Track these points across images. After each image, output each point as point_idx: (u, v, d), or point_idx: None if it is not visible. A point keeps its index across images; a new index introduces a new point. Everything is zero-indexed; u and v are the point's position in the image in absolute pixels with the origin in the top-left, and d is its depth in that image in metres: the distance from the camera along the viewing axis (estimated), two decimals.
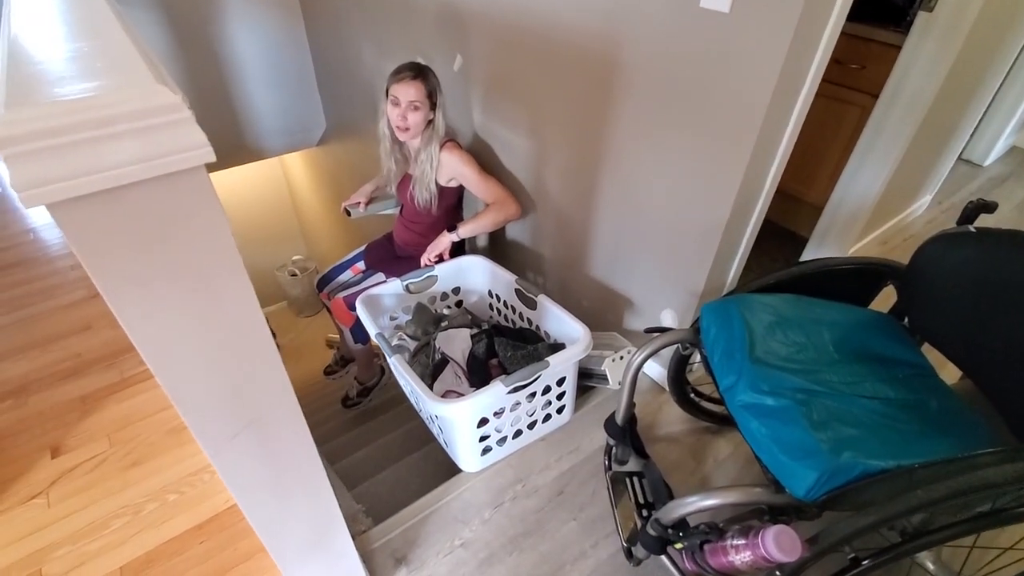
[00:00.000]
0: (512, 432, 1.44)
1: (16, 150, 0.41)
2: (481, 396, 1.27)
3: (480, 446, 1.40)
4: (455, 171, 1.71)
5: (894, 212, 2.22)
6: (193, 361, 0.59)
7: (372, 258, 2.04)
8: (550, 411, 1.49)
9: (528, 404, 1.40)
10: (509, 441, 1.45)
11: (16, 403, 1.61)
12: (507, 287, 1.73)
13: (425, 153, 1.68)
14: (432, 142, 1.67)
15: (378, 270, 1.96)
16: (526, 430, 1.47)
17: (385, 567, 1.22)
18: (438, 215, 1.82)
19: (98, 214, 0.46)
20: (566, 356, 1.35)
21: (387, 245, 2.06)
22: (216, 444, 0.67)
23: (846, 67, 1.84)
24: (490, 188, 1.71)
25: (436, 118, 1.64)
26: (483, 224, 1.74)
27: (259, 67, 3.01)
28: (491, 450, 1.43)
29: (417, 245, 1.89)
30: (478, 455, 1.41)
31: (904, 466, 0.79)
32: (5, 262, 2.19)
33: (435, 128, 1.65)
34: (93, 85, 0.45)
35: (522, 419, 1.43)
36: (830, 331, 1.05)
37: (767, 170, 1.21)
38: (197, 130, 0.47)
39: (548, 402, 1.45)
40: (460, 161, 1.68)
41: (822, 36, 1.02)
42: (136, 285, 0.51)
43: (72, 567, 1.24)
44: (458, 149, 1.71)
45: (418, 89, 1.59)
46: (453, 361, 1.59)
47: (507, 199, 1.72)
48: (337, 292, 1.98)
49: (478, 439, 1.37)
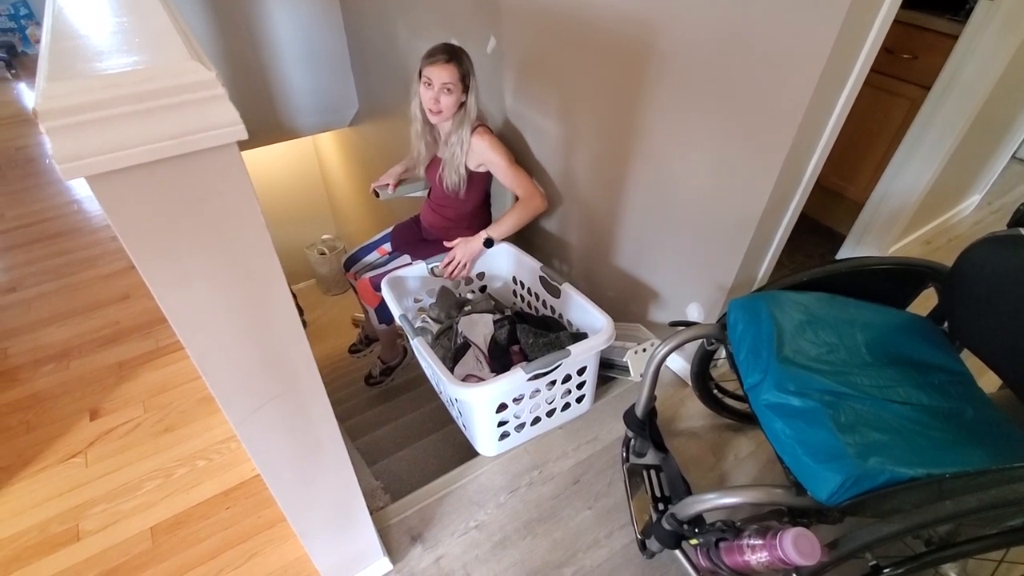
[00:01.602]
0: (531, 419, 1.44)
1: (57, 123, 0.42)
2: (501, 382, 1.27)
3: (498, 431, 1.41)
4: (484, 157, 1.70)
5: (939, 211, 2.12)
6: (220, 334, 0.60)
7: (398, 240, 2.06)
8: (569, 400, 1.49)
9: (548, 392, 1.41)
10: (527, 427, 1.46)
11: (59, 366, 1.68)
12: (532, 274, 1.73)
13: (456, 136, 1.68)
14: (464, 125, 1.66)
15: (404, 252, 1.98)
16: (544, 417, 1.47)
17: (401, 543, 1.25)
18: (466, 200, 1.81)
19: (133, 187, 0.47)
20: (588, 346, 1.34)
21: (414, 228, 2.07)
22: (240, 416, 0.69)
23: (897, 56, 1.76)
24: (518, 179, 1.70)
25: (468, 101, 1.63)
26: (512, 224, 1.73)
27: (295, 47, 3.03)
28: (509, 435, 1.44)
29: (444, 229, 1.89)
30: (496, 440, 1.43)
31: (934, 475, 0.77)
32: (51, 232, 2.29)
33: (467, 111, 1.64)
34: (130, 61, 0.46)
35: (541, 406, 1.43)
36: (864, 332, 1.02)
37: (806, 163, 1.17)
38: (230, 107, 0.47)
39: (568, 391, 1.45)
40: (490, 147, 1.67)
41: (873, 23, 0.97)
42: (167, 258, 0.52)
43: (107, 524, 1.30)
44: (489, 135, 1.70)
45: (451, 72, 1.57)
46: (475, 346, 1.59)
47: (534, 193, 1.71)
48: (363, 272, 2.02)
49: (496, 424, 1.38)
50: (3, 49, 3.91)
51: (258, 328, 0.63)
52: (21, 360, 1.73)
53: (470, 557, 1.23)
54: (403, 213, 2.23)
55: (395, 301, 1.60)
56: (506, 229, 1.72)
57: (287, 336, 0.67)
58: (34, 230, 2.29)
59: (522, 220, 1.74)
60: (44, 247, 2.20)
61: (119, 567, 1.22)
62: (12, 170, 2.73)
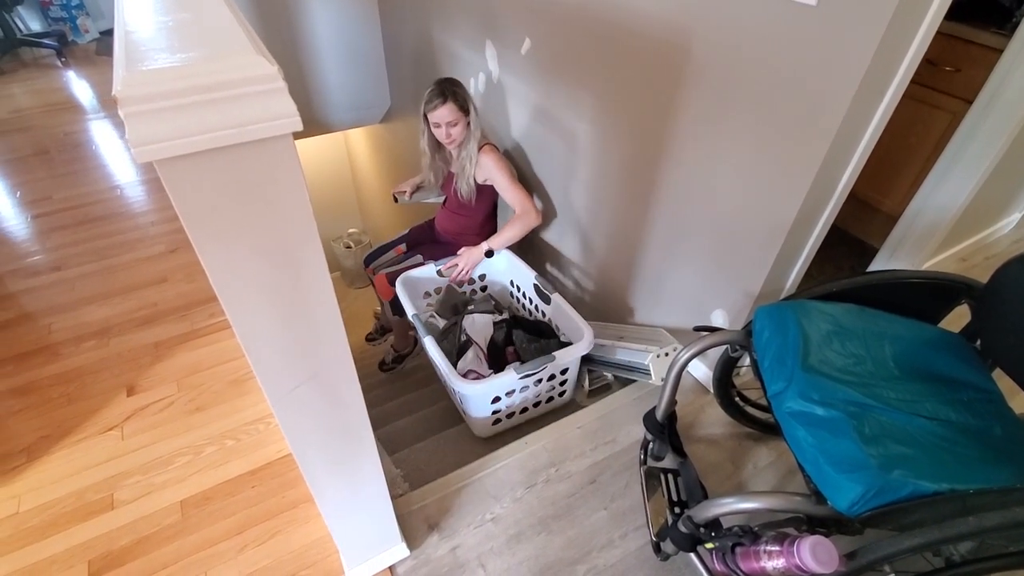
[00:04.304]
0: (519, 409, 1.70)
1: (134, 109, 0.45)
2: (496, 380, 1.53)
3: (492, 418, 1.66)
4: (488, 173, 1.89)
5: (977, 228, 2.07)
6: (267, 314, 0.64)
7: (413, 240, 2.27)
8: (552, 394, 1.74)
9: (535, 388, 1.66)
10: (516, 416, 1.72)
11: (99, 343, 1.76)
12: (527, 281, 1.96)
13: (465, 151, 1.88)
14: (470, 141, 1.86)
15: (418, 252, 2.17)
16: (531, 408, 1.73)
17: (419, 531, 1.28)
18: (476, 209, 2.03)
19: (197, 172, 0.50)
20: (570, 353, 1.60)
21: (428, 230, 2.28)
22: (278, 394, 0.73)
23: (939, 69, 1.72)
24: (517, 196, 1.88)
25: (471, 120, 1.83)
26: (509, 236, 1.92)
27: (333, 45, 3.10)
28: (500, 422, 1.70)
29: (456, 233, 2.12)
30: (489, 425, 1.69)
31: (958, 491, 0.76)
32: (94, 215, 2.38)
33: (471, 130, 1.85)
34: (199, 54, 0.49)
35: (529, 399, 1.69)
36: (892, 345, 1.01)
37: (841, 173, 1.16)
38: (288, 100, 0.50)
39: (552, 387, 1.70)
40: (494, 165, 1.86)
41: (915, 35, 0.97)
42: (223, 239, 0.56)
43: (140, 495, 1.36)
44: (495, 153, 1.89)
45: (450, 109, 1.77)
46: (476, 344, 1.83)
47: (530, 209, 1.88)
48: (381, 269, 2.18)
49: (491, 412, 1.63)
50: (55, 38, 4.07)
51: (300, 311, 0.66)
52: (64, 336, 1.81)
53: (485, 549, 1.25)
54: (421, 216, 2.40)
55: (408, 299, 1.83)
56: (504, 241, 1.93)
57: (326, 321, 0.70)
58: (79, 212, 2.39)
59: (518, 233, 1.91)
60: (88, 229, 2.29)
61: (150, 536, 1.27)
62: (60, 154, 2.85)
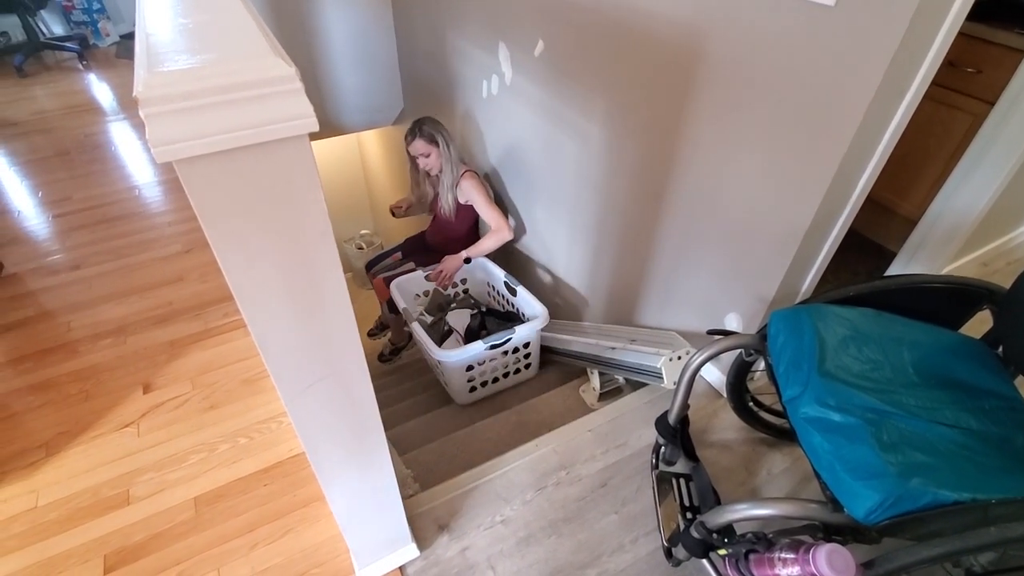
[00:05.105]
0: (491, 378, 2.08)
1: (155, 110, 0.46)
2: (468, 349, 1.87)
3: (468, 386, 2.03)
4: (468, 195, 2.24)
5: (999, 232, 2.03)
6: (282, 314, 0.64)
7: (407, 249, 2.69)
8: (519, 366, 2.13)
9: (503, 359, 2.04)
10: (489, 385, 2.10)
11: (116, 341, 1.79)
12: (499, 280, 2.32)
13: (446, 176, 2.24)
14: (447, 168, 2.22)
15: (411, 259, 2.57)
16: (502, 378, 2.12)
17: (429, 531, 1.28)
18: (459, 224, 2.39)
19: (215, 172, 0.51)
20: (528, 327, 1.98)
21: (420, 241, 2.68)
22: (292, 392, 0.73)
23: (960, 70, 1.69)
24: (492, 215, 2.22)
25: (442, 151, 2.19)
26: (484, 248, 2.28)
27: (348, 47, 3.12)
28: (476, 390, 2.07)
29: (443, 243, 2.48)
30: (467, 392, 2.05)
31: (979, 500, 0.74)
32: (111, 215, 2.42)
33: (449, 159, 2.20)
34: (218, 55, 0.49)
35: (499, 369, 2.07)
36: (911, 351, 0.99)
37: (858, 177, 1.14)
38: (305, 101, 0.50)
39: (517, 359, 2.09)
40: (473, 188, 2.21)
41: (936, 36, 0.95)
42: (239, 238, 0.56)
43: (154, 491, 1.37)
44: (475, 178, 2.24)
45: (420, 143, 2.17)
46: (456, 332, 2.25)
47: (503, 226, 2.23)
48: (380, 273, 2.55)
49: (467, 380, 2.00)
50: (76, 41, 4.15)
51: (315, 311, 0.67)
52: (82, 333, 1.84)
53: (495, 551, 1.25)
54: (423, 223, 2.78)
55: (400, 298, 2.23)
56: (480, 251, 2.29)
57: (340, 321, 0.70)
58: (98, 212, 2.43)
59: (492, 245, 2.27)
60: (106, 229, 2.33)
61: (164, 532, 1.29)
62: (80, 155, 2.90)
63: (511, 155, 2.31)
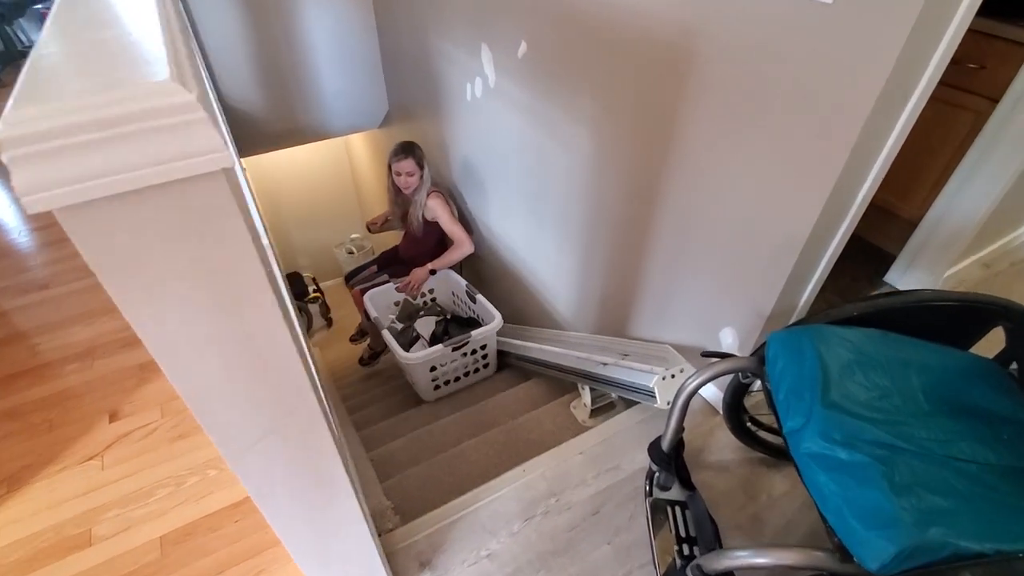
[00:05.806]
0: (453, 377, 2.33)
1: (19, 152, 0.38)
2: (431, 351, 2.13)
3: (432, 384, 2.28)
4: (434, 212, 2.47)
5: (1002, 232, 1.96)
6: (211, 371, 0.56)
7: (382, 262, 2.91)
8: (478, 366, 2.39)
9: (463, 359, 2.29)
10: (452, 383, 2.35)
11: (82, 365, 1.70)
12: (460, 289, 2.60)
13: (417, 196, 2.47)
14: (421, 189, 2.45)
15: (385, 271, 2.81)
16: (463, 377, 2.38)
17: (409, 569, 1.20)
18: (426, 238, 2.60)
19: (106, 219, 0.43)
20: (483, 330, 2.23)
21: (394, 254, 2.90)
22: (236, 452, 0.65)
23: (962, 66, 1.62)
24: (454, 231, 2.46)
25: (423, 175, 2.42)
26: (448, 260, 2.49)
27: (329, 50, 3.04)
28: (440, 388, 2.33)
29: (414, 256, 2.67)
30: (431, 390, 2.31)
31: (1005, 552, 0.67)
32: None
33: (424, 181, 2.44)
34: (103, 81, 0.41)
35: (459, 369, 2.33)
36: (920, 376, 0.92)
37: (860, 184, 1.07)
38: (213, 132, 0.42)
39: (476, 360, 2.35)
40: (439, 206, 2.45)
41: (944, 34, 0.87)
42: (148, 292, 0.48)
43: (119, 530, 1.29)
44: (440, 198, 2.47)
45: (409, 162, 2.37)
46: (423, 338, 2.51)
47: (464, 241, 2.46)
48: (357, 285, 2.78)
49: (431, 380, 2.26)
50: None
51: (252, 364, 0.58)
52: (50, 357, 1.75)
53: None
54: (391, 242, 3.00)
55: (374, 308, 2.50)
56: (443, 264, 2.51)
57: (284, 371, 0.62)
58: None
59: (456, 258, 2.49)
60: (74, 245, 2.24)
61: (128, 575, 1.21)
62: None
63: (496, 160, 2.23)
